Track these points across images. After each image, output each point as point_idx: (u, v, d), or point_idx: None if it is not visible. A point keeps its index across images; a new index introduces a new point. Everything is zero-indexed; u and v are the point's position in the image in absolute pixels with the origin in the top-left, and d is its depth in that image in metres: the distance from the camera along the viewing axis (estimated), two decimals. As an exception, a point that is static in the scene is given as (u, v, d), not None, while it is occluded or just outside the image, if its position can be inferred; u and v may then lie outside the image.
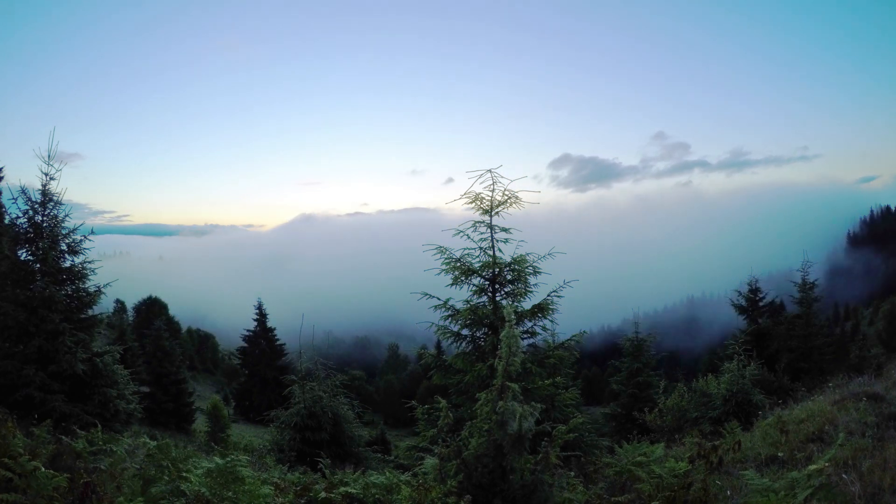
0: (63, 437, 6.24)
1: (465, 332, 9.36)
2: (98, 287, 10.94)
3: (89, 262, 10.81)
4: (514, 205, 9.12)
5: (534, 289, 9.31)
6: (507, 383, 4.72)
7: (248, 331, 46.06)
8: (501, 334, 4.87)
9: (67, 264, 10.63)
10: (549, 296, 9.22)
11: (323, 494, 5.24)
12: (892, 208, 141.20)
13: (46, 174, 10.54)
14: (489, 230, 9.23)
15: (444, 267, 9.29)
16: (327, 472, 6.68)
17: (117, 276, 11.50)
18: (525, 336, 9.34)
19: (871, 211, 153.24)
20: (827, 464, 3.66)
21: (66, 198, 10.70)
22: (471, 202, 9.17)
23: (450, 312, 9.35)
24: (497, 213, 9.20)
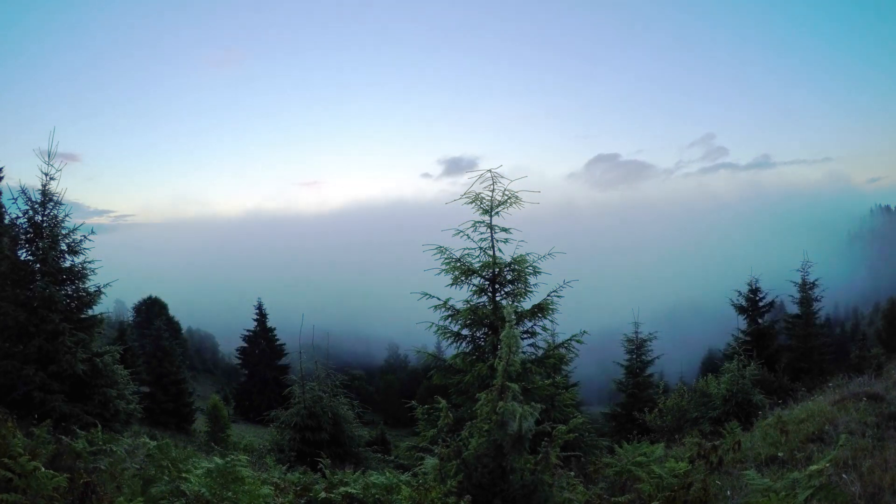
0: (63, 437, 6.24)
1: (465, 332, 9.36)
2: (98, 287, 10.94)
3: (89, 262, 10.81)
4: (514, 205, 9.11)
5: (534, 289, 9.30)
6: (507, 383, 4.72)
7: (248, 331, 46.14)
8: (501, 334, 4.87)
9: (67, 264, 10.63)
10: (549, 296, 9.21)
11: (323, 494, 5.25)
12: (892, 207, 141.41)
13: (46, 174, 10.54)
14: (489, 230, 9.23)
15: (444, 267, 9.29)
16: (327, 472, 6.68)
17: (117, 277, 11.49)
18: (525, 336, 9.33)
19: (871, 211, 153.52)
20: (828, 464, 3.66)
21: (67, 197, 10.70)
22: (471, 202, 9.16)
23: (450, 312, 9.35)
24: (497, 213, 9.19)
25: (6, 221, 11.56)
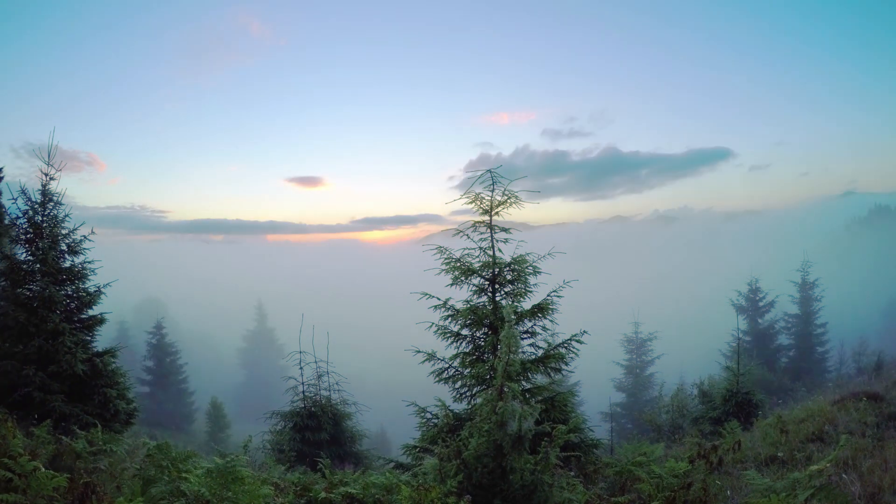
0: (63, 437, 6.24)
1: (464, 332, 9.36)
2: (98, 287, 10.94)
3: (89, 262, 10.82)
4: (513, 205, 9.12)
5: (534, 289, 9.30)
6: (507, 383, 4.72)
7: (248, 331, 46.20)
8: (501, 334, 4.86)
9: (67, 264, 10.63)
10: (549, 295, 9.21)
11: (323, 494, 5.25)
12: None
13: (46, 174, 10.56)
14: (489, 230, 9.23)
15: (444, 267, 9.29)
16: (327, 472, 6.68)
17: (117, 277, 11.48)
18: (525, 336, 9.33)
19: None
20: (828, 464, 3.66)
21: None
22: (470, 202, 9.17)
23: (450, 312, 9.34)
24: (497, 213, 9.19)
25: (6, 221, 11.57)
